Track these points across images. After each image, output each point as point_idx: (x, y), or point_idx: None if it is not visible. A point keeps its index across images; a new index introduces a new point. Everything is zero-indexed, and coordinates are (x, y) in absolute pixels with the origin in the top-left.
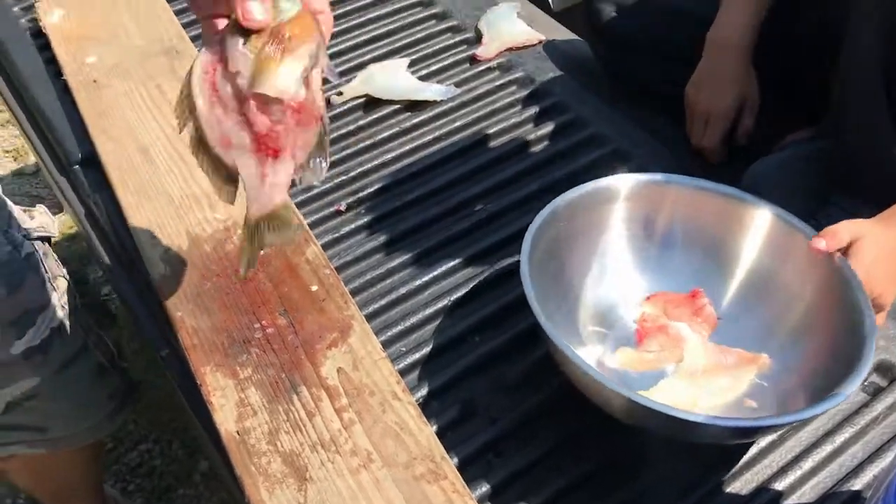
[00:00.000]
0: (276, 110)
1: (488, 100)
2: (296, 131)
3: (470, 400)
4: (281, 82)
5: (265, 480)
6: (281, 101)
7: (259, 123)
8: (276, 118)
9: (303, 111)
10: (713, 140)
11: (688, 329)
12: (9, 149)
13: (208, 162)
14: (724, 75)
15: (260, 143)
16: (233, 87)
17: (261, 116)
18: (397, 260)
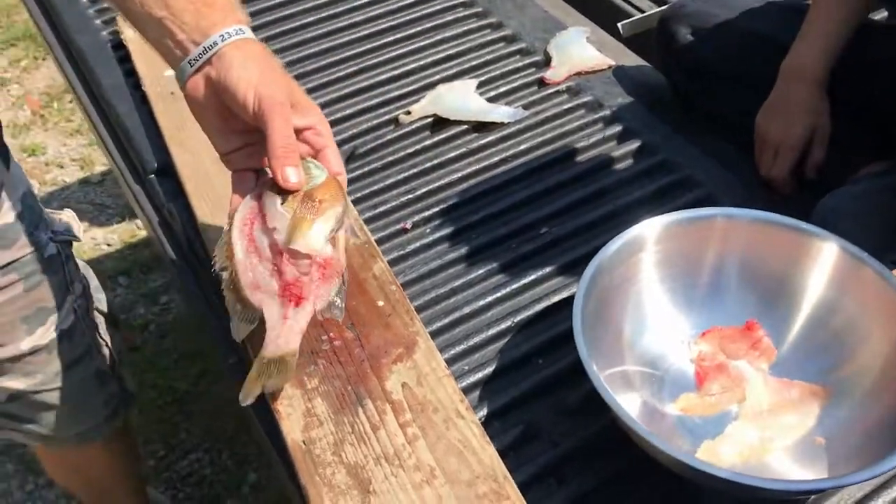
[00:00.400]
0: (305, 264)
1: (556, 123)
2: (319, 283)
3: (532, 422)
4: (312, 241)
5: (329, 491)
6: (310, 257)
7: (288, 273)
8: (303, 270)
9: (328, 266)
10: (782, 171)
11: (747, 366)
12: (76, 157)
13: (234, 302)
14: (797, 105)
15: (286, 290)
16: (269, 239)
17: (290, 267)
18: (462, 279)
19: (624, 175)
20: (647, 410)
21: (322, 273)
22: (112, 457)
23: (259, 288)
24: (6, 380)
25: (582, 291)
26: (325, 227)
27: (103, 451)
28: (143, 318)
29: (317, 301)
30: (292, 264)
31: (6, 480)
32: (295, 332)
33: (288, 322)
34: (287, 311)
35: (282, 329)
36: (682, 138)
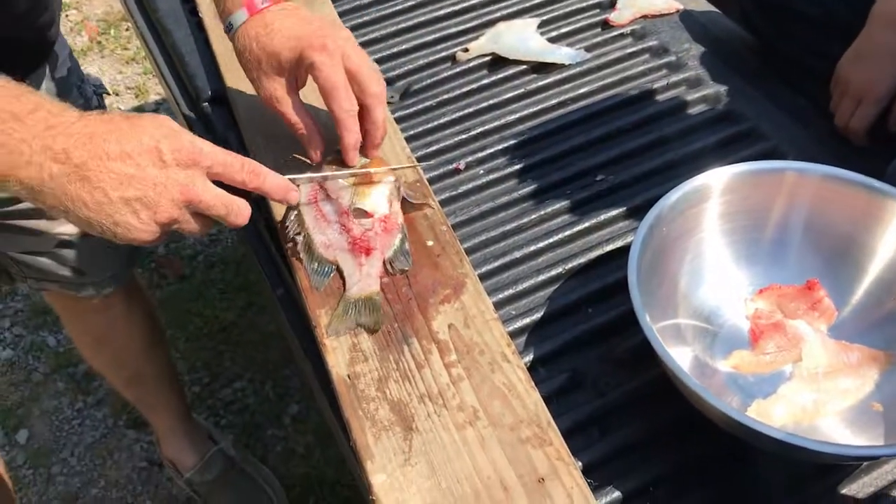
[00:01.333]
0: (368, 221)
1: (618, 67)
2: (383, 235)
3: (578, 370)
4: (373, 201)
5: (372, 426)
6: (372, 215)
7: (355, 230)
8: (367, 227)
9: (388, 221)
10: (863, 122)
11: (806, 326)
12: (131, 85)
13: (310, 260)
14: (887, 53)
15: (355, 244)
16: (334, 206)
17: (357, 226)
18: (513, 223)
19: (686, 124)
20: (698, 365)
21: (384, 227)
22: (132, 325)
23: (331, 246)
24: (59, 224)
25: (639, 240)
26: (382, 191)
27: (124, 317)
28: (192, 248)
29: (384, 250)
30: (357, 223)
31: (57, 398)
32: (372, 276)
33: (364, 268)
34: (360, 259)
35: (359, 275)
36: (750, 88)
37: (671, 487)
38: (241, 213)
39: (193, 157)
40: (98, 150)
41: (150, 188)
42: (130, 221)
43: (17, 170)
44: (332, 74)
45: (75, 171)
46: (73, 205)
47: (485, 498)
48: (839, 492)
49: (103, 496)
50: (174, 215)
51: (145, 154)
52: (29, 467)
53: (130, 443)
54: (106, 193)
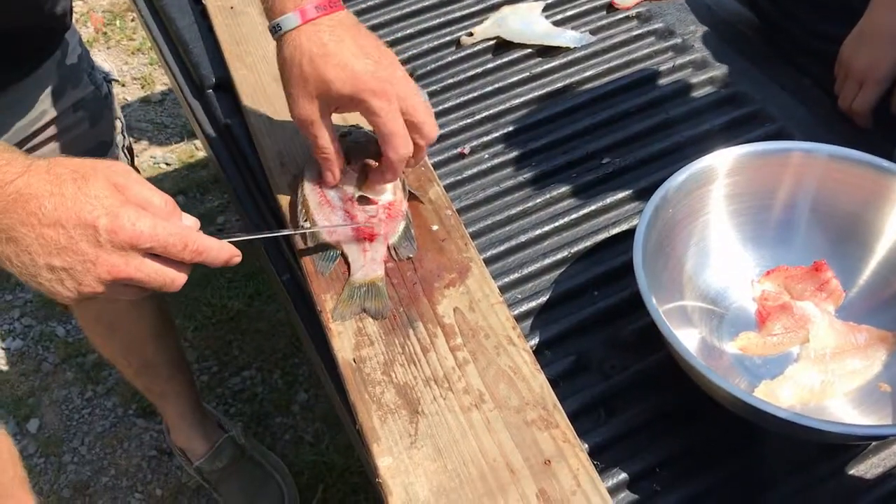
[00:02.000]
0: (372, 208)
1: (624, 50)
2: (387, 222)
3: (584, 353)
4: (377, 189)
5: (378, 409)
6: (376, 202)
7: (360, 217)
8: (371, 213)
9: (392, 208)
10: (865, 104)
11: (813, 307)
12: (137, 76)
13: (316, 245)
14: (889, 35)
15: (359, 230)
16: (339, 193)
17: (361, 212)
18: (519, 207)
19: (692, 107)
20: (705, 347)
21: (388, 214)
22: (141, 313)
23: (336, 231)
24: None
25: (645, 222)
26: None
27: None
28: None
29: (388, 236)
30: (362, 210)
31: (67, 388)
32: (376, 261)
33: (368, 254)
34: (364, 245)
35: (364, 260)
36: (756, 70)
37: (677, 469)
38: (177, 281)
39: (132, 241)
40: (31, 216)
41: (78, 262)
42: (55, 287)
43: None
44: (389, 121)
45: (4, 231)
46: (5, 265)
47: (491, 480)
48: (847, 472)
49: (114, 485)
50: (99, 290)
51: (80, 228)
52: (40, 456)
53: (140, 432)
54: (32, 257)
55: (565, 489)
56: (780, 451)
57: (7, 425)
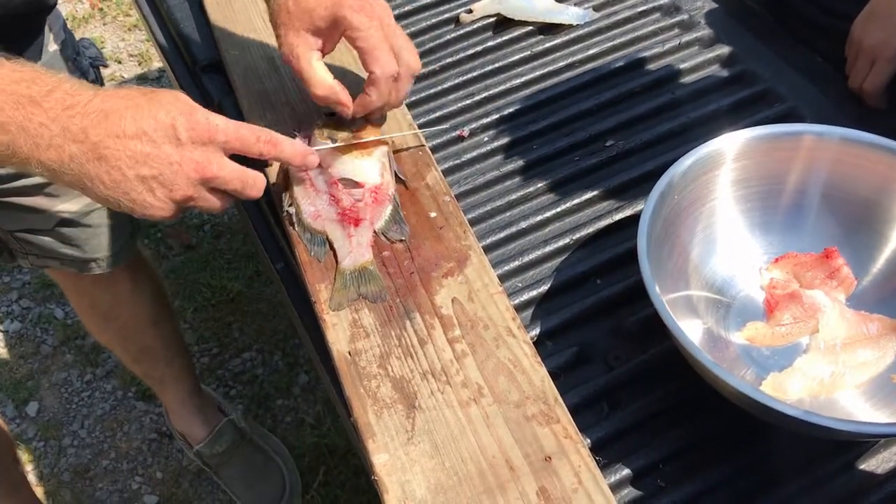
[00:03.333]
0: (358, 192)
1: (629, 27)
2: (373, 206)
3: (586, 344)
4: (362, 171)
5: (374, 403)
6: (362, 185)
7: (344, 200)
8: (357, 197)
9: (378, 191)
10: (876, 84)
11: (823, 296)
12: (134, 53)
13: (303, 231)
14: None
15: (344, 214)
16: (324, 175)
17: (346, 196)
18: (519, 192)
19: (699, 86)
20: (711, 338)
21: (374, 198)
22: (138, 301)
23: (320, 216)
24: (61, 202)
25: (650, 209)
26: (373, 160)
27: (130, 293)
28: (198, 218)
29: (374, 221)
30: (347, 193)
31: (66, 370)
32: (363, 245)
33: (353, 239)
34: (349, 231)
35: (350, 245)
36: (765, 48)
37: (682, 464)
38: (257, 185)
39: (209, 134)
40: (114, 129)
41: (165, 166)
42: (147, 199)
43: (38, 153)
44: (371, 36)
45: (93, 150)
46: (92, 183)
47: (490, 477)
48: (857, 468)
49: (114, 468)
50: (190, 193)
51: (160, 131)
52: (40, 440)
53: (140, 414)
54: (122, 172)
55: (566, 487)
56: (789, 446)
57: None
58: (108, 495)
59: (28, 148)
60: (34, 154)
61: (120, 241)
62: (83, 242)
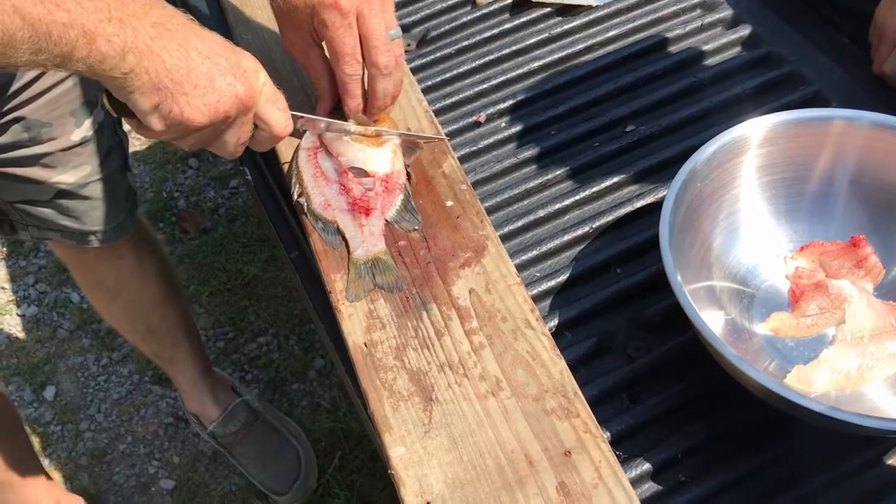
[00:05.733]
0: (368, 181)
1: (649, 8)
2: (383, 196)
3: (606, 335)
4: (373, 160)
5: (390, 396)
6: (372, 175)
7: (355, 190)
8: (367, 186)
9: (389, 181)
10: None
11: (850, 286)
12: None
13: (314, 220)
14: None
15: (354, 204)
16: (334, 164)
17: (356, 185)
18: (537, 180)
19: (721, 69)
20: (734, 329)
21: (385, 187)
22: (143, 277)
23: (330, 205)
24: (57, 174)
25: (672, 197)
26: (384, 149)
27: (135, 269)
28: (213, 201)
29: (385, 210)
30: (357, 182)
31: (83, 354)
32: (375, 235)
33: (365, 228)
34: (360, 220)
35: (362, 235)
36: (791, 29)
37: (704, 459)
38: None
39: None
40: (189, 26)
41: (226, 74)
42: (193, 98)
43: (101, 27)
44: (337, 36)
45: (161, 29)
46: (150, 63)
47: (508, 472)
48: (885, 463)
49: (131, 452)
50: (232, 111)
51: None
52: (57, 423)
53: (156, 399)
54: (188, 55)
55: (586, 482)
56: (814, 440)
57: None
58: (125, 479)
59: (91, 24)
60: (98, 28)
61: (119, 215)
62: (81, 214)
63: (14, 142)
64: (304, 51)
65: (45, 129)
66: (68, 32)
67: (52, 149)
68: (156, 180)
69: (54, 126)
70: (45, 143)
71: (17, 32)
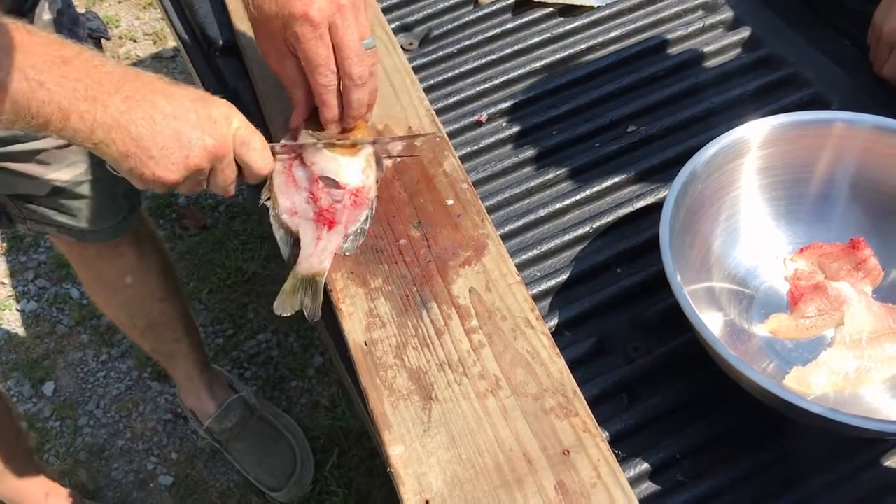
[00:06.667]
0: (338, 193)
1: (651, 9)
2: (350, 209)
3: (606, 334)
4: (345, 172)
5: (390, 395)
6: (343, 186)
7: (323, 200)
8: (336, 198)
9: (359, 195)
10: (895, 71)
11: (849, 288)
12: (149, 31)
13: (277, 227)
14: None
15: (320, 215)
16: (307, 172)
17: (325, 196)
18: (538, 179)
19: (724, 70)
20: (733, 330)
21: (354, 201)
22: (144, 275)
23: (296, 213)
24: (52, 171)
25: (673, 197)
26: (357, 161)
27: (136, 266)
28: (213, 198)
29: (348, 225)
30: (327, 193)
31: (82, 350)
32: (327, 252)
33: (321, 243)
34: (321, 233)
35: (314, 249)
36: (792, 31)
37: (702, 459)
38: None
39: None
40: (148, 85)
41: (193, 128)
42: (163, 160)
43: (76, 104)
44: (310, 48)
45: (125, 100)
46: (118, 136)
47: (507, 471)
48: (883, 464)
49: (129, 448)
50: (203, 164)
51: (194, 104)
52: (56, 419)
53: (155, 395)
54: (153, 121)
55: (585, 481)
56: (812, 441)
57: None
58: (123, 475)
59: (68, 102)
60: (73, 106)
61: (117, 215)
62: (77, 212)
63: (10, 136)
64: (279, 60)
65: None
66: (46, 108)
67: (48, 145)
68: None
69: None
70: (40, 140)
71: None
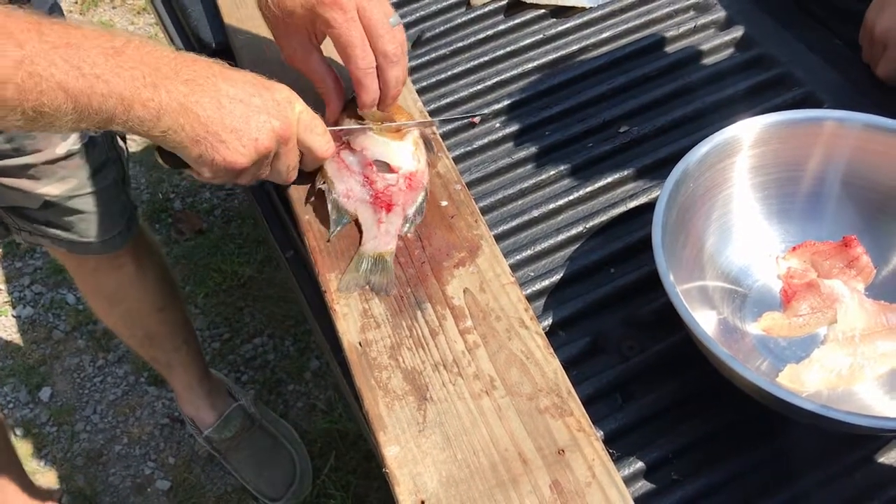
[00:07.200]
0: (392, 176)
1: (642, 9)
2: (406, 192)
3: (600, 334)
4: (398, 156)
5: (385, 395)
6: (396, 170)
7: (378, 183)
8: (391, 181)
9: (413, 178)
10: (887, 71)
11: (842, 285)
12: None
13: (333, 209)
14: None
15: (377, 197)
16: (358, 158)
17: (380, 179)
18: (531, 180)
19: (714, 70)
20: (726, 329)
21: (409, 184)
22: (144, 286)
23: (352, 196)
24: (42, 185)
25: (665, 197)
26: (406, 144)
27: (135, 277)
28: (209, 202)
29: (406, 207)
30: (381, 177)
31: (78, 356)
32: (390, 234)
33: (382, 225)
34: (380, 215)
35: (377, 231)
36: (783, 31)
37: (696, 457)
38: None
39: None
40: (208, 69)
41: (259, 111)
42: (232, 144)
43: (139, 93)
44: (344, 32)
45: (187, 84)
46: (186, 120)
47: (502, 471)
48: (876, 461)
49: (127, 453)
50: (272, 145)
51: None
52: (53, 424)
53: (152, 400)
54: (219, 104)
55: (580, 480)
56: (806, 439)
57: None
58: (120, 480)
59: (129, 92)
60: (135, 95)
61: (113, 229)
62: (70, 225)
63: (3, 153)
64: (304, 57)
65: (29, 140)
66: (107, 102)
67: (37, 161)
68: (152, 182)
69: (38, 139)
70: (29, 155)
71: (62, 105)
